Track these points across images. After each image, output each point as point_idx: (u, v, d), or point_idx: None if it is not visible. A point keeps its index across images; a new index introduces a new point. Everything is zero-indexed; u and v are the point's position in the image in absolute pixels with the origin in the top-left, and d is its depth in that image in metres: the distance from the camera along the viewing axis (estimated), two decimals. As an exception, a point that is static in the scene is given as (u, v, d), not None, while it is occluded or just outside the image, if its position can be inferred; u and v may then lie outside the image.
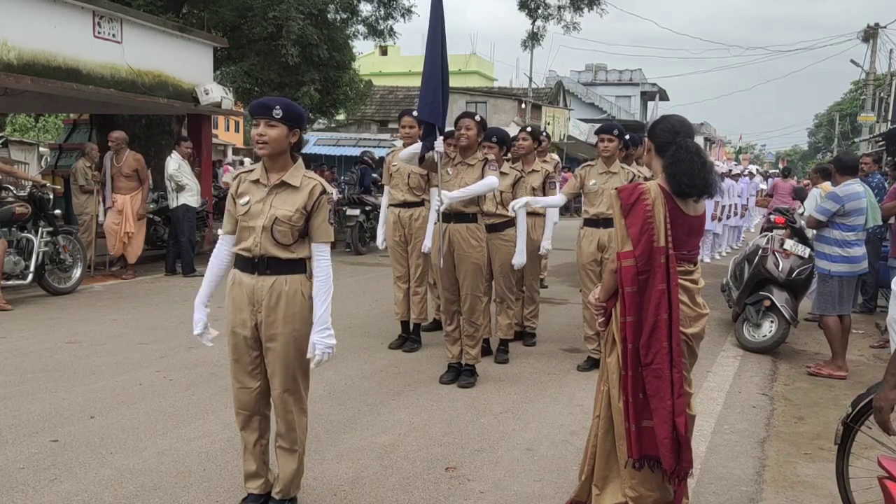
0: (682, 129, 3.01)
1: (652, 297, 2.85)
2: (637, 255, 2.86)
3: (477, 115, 5.25)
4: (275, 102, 2.99)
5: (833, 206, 5.77)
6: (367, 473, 3.74)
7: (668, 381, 2.82)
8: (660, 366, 2.82)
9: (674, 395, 2.83)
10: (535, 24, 21.55)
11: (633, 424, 2.87)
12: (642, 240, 2.85)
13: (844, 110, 54.57)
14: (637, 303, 2.87)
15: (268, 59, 15.19)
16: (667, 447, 2.83)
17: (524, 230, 5.70)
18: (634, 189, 2.93)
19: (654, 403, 2.84)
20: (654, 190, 2.91)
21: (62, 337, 6.41)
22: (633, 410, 2.87)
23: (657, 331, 2.84)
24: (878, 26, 29.33)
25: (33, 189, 8.40)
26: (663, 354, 2.83)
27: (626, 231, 2.89)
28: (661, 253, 2.86)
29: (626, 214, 2.90)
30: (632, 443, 2.88)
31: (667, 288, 2.85)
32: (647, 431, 2.87)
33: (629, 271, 2.87)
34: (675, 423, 2.83)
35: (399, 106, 28.35)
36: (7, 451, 3.89)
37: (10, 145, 20.39)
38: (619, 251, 2.91)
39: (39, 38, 9.42)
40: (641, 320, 2.87)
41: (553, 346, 6.53)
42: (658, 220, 2.86)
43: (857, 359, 6.41)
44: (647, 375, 2.85)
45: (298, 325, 3.06)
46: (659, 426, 2.83)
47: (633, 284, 2.86)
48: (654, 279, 2.85)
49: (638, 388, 2.87)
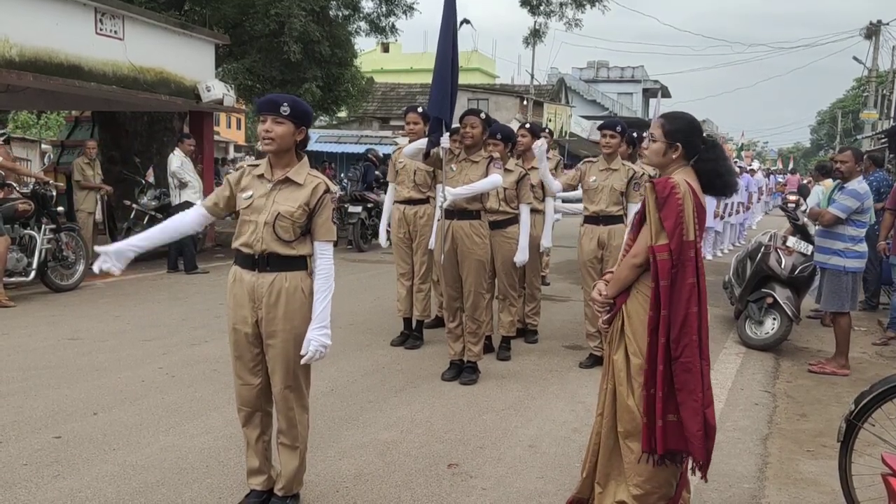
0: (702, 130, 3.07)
1: (683, 290, 2.84)
2: (672, 249, 2.84)
3: (482, 113, 5.25)
4: (283, 99, 2.99)
5: (854, 204, 5.68)
6: (370, 470, 3.74)
7: (698, 374, 2.83)
8: (690, 359, 2.82)
9: (703, 387, 2.84)
10: (537, 20, 21.51)
11: (659, 419, 2.85)
12: (676, 233, 2.84)
13: (847, 107, 54.49)
14: (669, 297, 2.85)
15: (269, 55, 15.18)
16: (699, 439, 2.83)
17: (527, 228, 5.70)
18: (666, 182, 2.90)
19: (683, 397, 2.83)
20: (684, 185, 2.90)
21: (65, 334, 6.42)
22: (660, 405, 2.84)
23: (687, 324, 2.83)
24: (880, 23, 29.28)
25: (36, 186, 8.42)
26: (693, 347, 2.83)
27: (661, 224, 2.86)
28: (690, 247, 2.86)
29: (661, 207, 2.87)
30: (657, 438, 2.85)
31: (696, 282, 2.86)
32: (672, 426, 2.86)
33: (665, 265, 2.84)
34: (705, 414, 2.84)
35: (401, 103, 28.31)
36: (10, 447, 3.90)
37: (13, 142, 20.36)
38: (653, 244, 2.87)
39: (41, 34, 9.41)
40: (672, 315, 2.85)
41: (555, 343, 6.53)
42: (688, 215, 2.86)
43: (859, 356, 6.40)
44: (677, 369, 2.84)
45: (298, 322, 3.06)
46: (689, 419, 2.82)
47: (667, 278, 2.84)
48: (683, 273, 2.85)
49: (667, 382, 2.85)
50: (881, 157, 10.86)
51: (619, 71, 47.81)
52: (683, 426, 2.84)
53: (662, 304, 2.85)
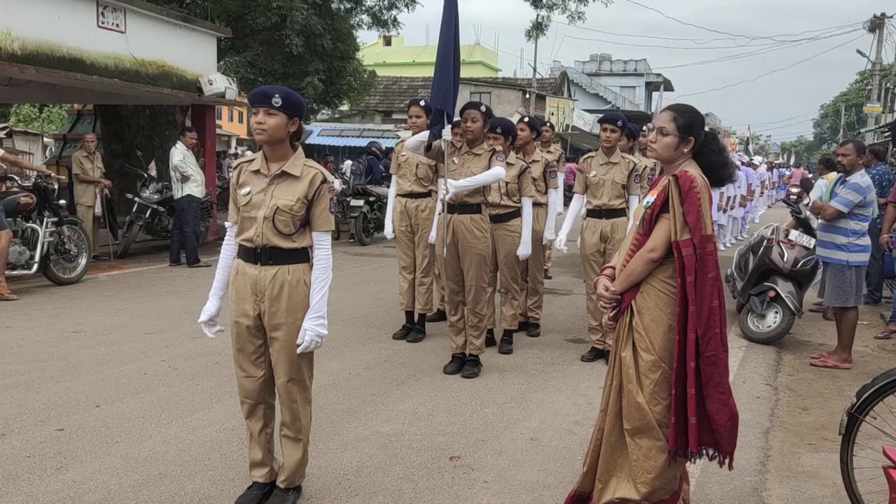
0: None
1: (706, 285, 2.83)
2: (696, 243, 2.82)
3: (482, 106, 5.24)
4: (274, 91, 2.99)
5: (856, 198, 5.65)
6: (372, 462, 3.75)
7: (722, 366, 2.83)
8: (714, 352, 2.81)
9: (726, 377, 2.85)
10: (540, 13, 21.40)
11: (692, 416, 2.82)
12: (698, 227, 2.82)
13: (850, 101, 54.31)
14: (696, 292, 2.82)
15: (271, 49, 15.17)
16: (728, 430, 2.84)
17: (530, 221, 5.69)
18: (686, 175, 2.87)
19: (709, 390, 2.82)
20: (700, 180, 2.88)
21: (67, 326, 6.44)
22: (693, 402, 2.81)
23: (711, 318, 2.82)
24: (884, 16, 29.13)
25: (38, 179, 8.42)
26: (717, 340, 2.82)
27: (685, 219, 2.83)
28: (709, 241, 2.85)
29: (684, 202, 2.84)
30: (690, 436, 2.82)
31: (717, 275, 2.85)
32: (702, 421, 2.85)
33: (691, 259, 2.82)
34: (730, 405, 2.84)
35: (403, 96, 28.31)
36: (13, 439, 3.91)
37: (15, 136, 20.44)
38: (677, 239, 2.83)
39: (43, 28, 9.41)
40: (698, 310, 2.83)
41: (557, 337, 6.53)
42: (705, 209, 2.85)
43: (861, 349, 6.39)
44: (703, 363, 2.82)
45: (301, 315, 3.06)
46: (717, 412, 2.82)
47: (693, 273, 2.82)
48: (704, 268, 2.83)
49: (698, 378, 2.83)
50: (883, 150, 10.83)
51: (621, 64, 47.75)
52: (711, 419, 2.83)
53: (690, 300, 2.81)
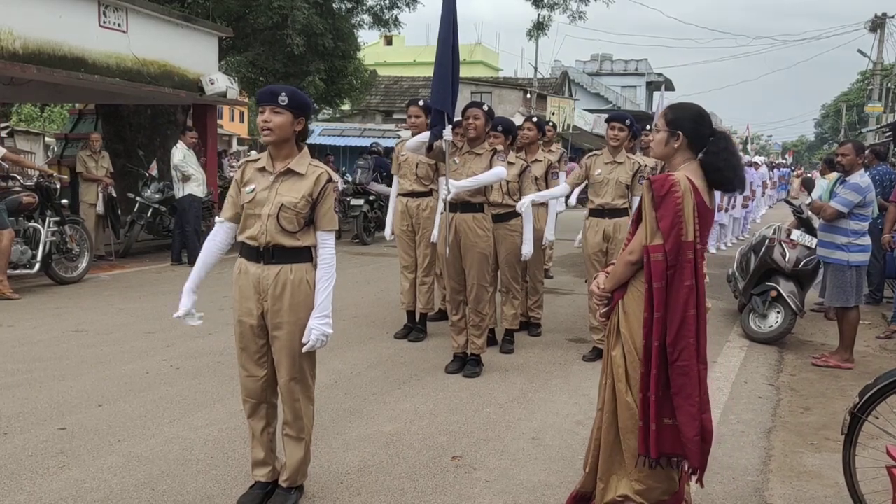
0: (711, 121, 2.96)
1: (680, 293, 2.75)
2: (668, 250, 2.75)
3: (484, 105, 5.24)
4: (281, 90, 3.01)
5: (856, 198, 5.64)
6: (374, 462, 3.75)
7: (695, 378, 2.76)
8: (687, 362, 2.75)
9: (700, 392, 2.77)
10: (541, 13, 21.38)
11: (653, 423, 2.77)
12: (672, 233, 2.74)
13: (851, 101, 54.24)
14: (664, 299, 2.76)
15: (273, 48, 15.16)
16: (696, 445, 2.76)
17: (531, 220, 5.70)
18: (666, 180, 2.80)
19: (679, 401, 2.76)
20: (684, 182, 2.79)
21: (69, 326, 6.44)
22: (654, 408, 2.77)
23: (685, 327, 2.75)
24: (885, 16, 29.11)
25: (40, 179, 8.42)
26: (691, 350, 2.75)
27: (657, 224, 2.77)
28: (689, 248, 2.76)
29: (658, 206, 2.77)
30: (651, 441, 2.79)
31: (695, 284, 2.77)
32: (669, 430, 2.80)
33: (659, 266, 2.75)
34: (702, 420, 2.77)
35: (404, 96, 28.27)
36: (16, 438, 3.92)
37: (16, 135, 20.43)
38: (647, 244, 2.78)
39: (45, 27, 9.41)
40: (669, 317, 2.77)
41: (558, 337, 6.53)
42: (687, 214, 2.76)
43: (863, 349, 6.39)
44: (673, 373, 2.76)
45: (304, 314, 3.06)
46: (686, 425, 2.75)
47: (661, 280, 2.75)
48: (681, 275, 2.76)
49: (660, 385, 2.78)
50: (884, 150, 10.82)
51: (622, 64, 47.69)
52: (680, 430, 2.78)
53: (656, 307, 2.76)
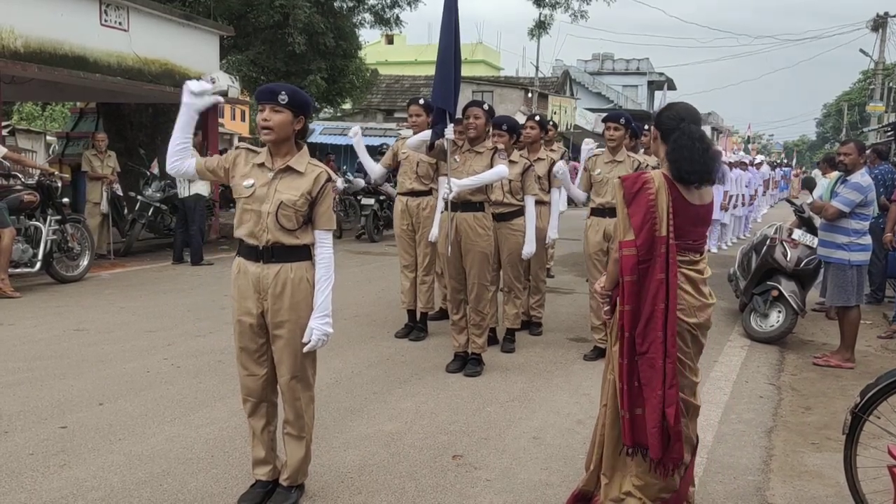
0: (687, 115, 2.98)
1: (651, 286, 2.84)
2: (638, 245, 2.85)
3: (485, 104, 5.24)
4: (280, 88, 3.01)
5: (857, 197, 5.63)
6: (375, 461, 3.75)
7: (660, 371, 2.82)
8: (654, 355, 2.83)
9: (665, 386, 2.82)
10: (543, 12, 21.38)
11: (626, 412, 2.89)
12: (644, 229, 2.84)
13: (853, 100, 54.17)
14: (635, 292, 2.86)
15: (274, 47, 15.16)
16: (655, 436, 2.83)
17: (533, 219, 5.69)
18: (638, 178, 2.91)
19: (647, 392, 2.85)
20: (658, 179, 2.89)
21: (70, 324, 6.44)
22: (627, 398, 2.89)
23: (653, 320, 2.83)
24: (887, 15, 29.10)
25: (41, 177, 8.42)
26: (658, 344, 2.83)
27: (629, 220, 2.88)
28: (662, 243, 2.85)
29: (629, 203, 2.89)
30: (625, 430, 2.92)
31: (665, 278, 2.84)
32: (639, 419, 2.89)
33: (629, 260, 2.86)
34: (664, 413, 2.83)
35: (405, 95, 28.25)
36: (17, 437, 3.92)
37: (17, 134, 20.42)
38: (620, 240, 2.91)
39: (46, 26, 9.42)
40: (639, 309, 2.86)
41: (559, 336, 6.53)
42: (661, 210, 2.85)
43: (864, 349, 6.38)
44: (642, 364, 2.85)
45: (304, 313, 3.07)
46: (649, 415, 2.84)
47: (632, 273, 2.85)
48: (653, 269, 2.84)
49: (633, 376, 2.88)
50: (886, 149, 10.80)
51: (624, 63, 47.64)
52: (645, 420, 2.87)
53: (626, 299, 2.87)
